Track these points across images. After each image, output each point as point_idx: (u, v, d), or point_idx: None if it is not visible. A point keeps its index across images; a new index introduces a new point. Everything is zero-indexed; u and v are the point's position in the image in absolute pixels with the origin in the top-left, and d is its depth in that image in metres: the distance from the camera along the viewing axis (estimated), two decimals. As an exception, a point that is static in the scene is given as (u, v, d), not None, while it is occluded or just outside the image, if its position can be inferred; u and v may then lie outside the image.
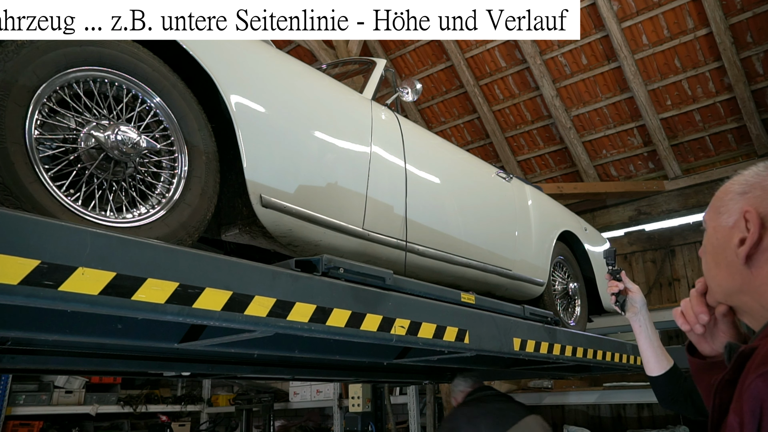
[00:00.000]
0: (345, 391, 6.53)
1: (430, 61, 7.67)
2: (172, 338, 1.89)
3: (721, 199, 1.07)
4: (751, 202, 0.98)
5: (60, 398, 6.01)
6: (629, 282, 2.01)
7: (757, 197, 0.97)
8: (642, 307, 1.98)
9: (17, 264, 1.10)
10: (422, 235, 2.56)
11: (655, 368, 1.94)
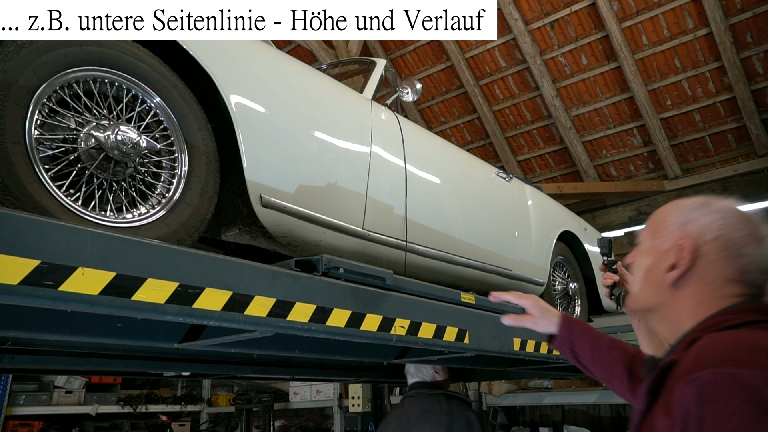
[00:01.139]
0: (345, 391, 6.53)
1: (430, 61, 7.67)
2: (172, 338, 1.89)
3: (660, 223, 1.19)
4: (687, 233, 1.11)
5: (60, 398, 6.01)
6: (626, 273, 1.76)
7: (693, 230, 1.10)
8: None
9: (17, 264, 1.10)
10: (422, 235, 2.56)
11: None
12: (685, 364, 0.95)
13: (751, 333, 0.98)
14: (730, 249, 1.07)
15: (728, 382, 0.85)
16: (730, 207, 1.12)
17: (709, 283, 1.08)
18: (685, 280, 1.10)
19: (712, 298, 1.07)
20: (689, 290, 1.09)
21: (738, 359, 0.88)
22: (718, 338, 0.97)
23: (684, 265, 1.09)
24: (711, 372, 0.87)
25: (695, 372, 0.89)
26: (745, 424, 0.81)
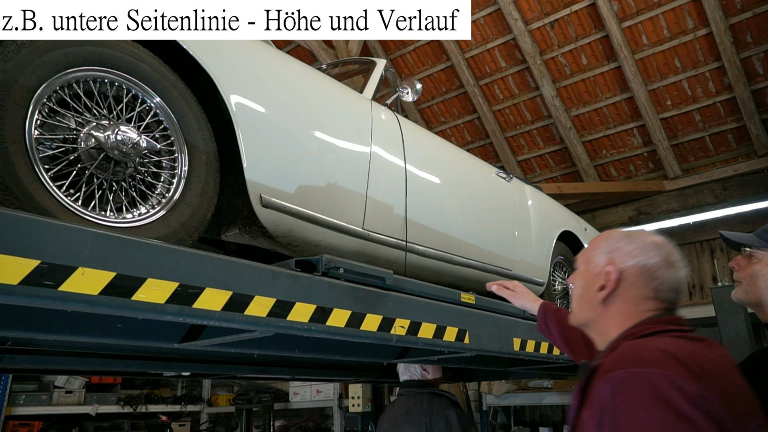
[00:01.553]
0: (345, 391, 6.53)
1: (430, 61, 7.67)
2: (172, 338, 1.89)
3: (592, 251, 1.39)
4: (612, 260, 1.32)
5: (60, 398, 6.01)
6: None
7: (617, 257, 1.32)
8: None
9: (17, 264, 1.10)
10: (422, 235, 2.56)
11: None
12: (604, 366, 1.14)
13: (659, 340, 1.16)
14: (646, 273, 1.28)
15: (635, 379, 1.04)
16: (649, 238, 1.33)
17: (630, 300, 1.29)
18: (612, 298, 1.31)
19: (633, 312, 1.28)
20: (615, 306, 1.31)
21: (643, 361, 1.07)
22: (632, 345, 1.17)
23: (610, 286, 1.30)
24: (622, 372, 1.06)
25: (611, 372, 1.08)
26: (646, 411, 0.99)
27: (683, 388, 1.00)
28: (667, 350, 1.08)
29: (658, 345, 1.11)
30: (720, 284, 4.87)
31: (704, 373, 1.05)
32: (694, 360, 1.06)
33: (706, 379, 1.04)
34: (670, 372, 1.02)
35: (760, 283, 1.64)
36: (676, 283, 1.28)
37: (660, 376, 1.01)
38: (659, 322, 1.23)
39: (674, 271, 1.29)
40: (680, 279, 1.29)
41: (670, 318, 1.25)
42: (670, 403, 0.99)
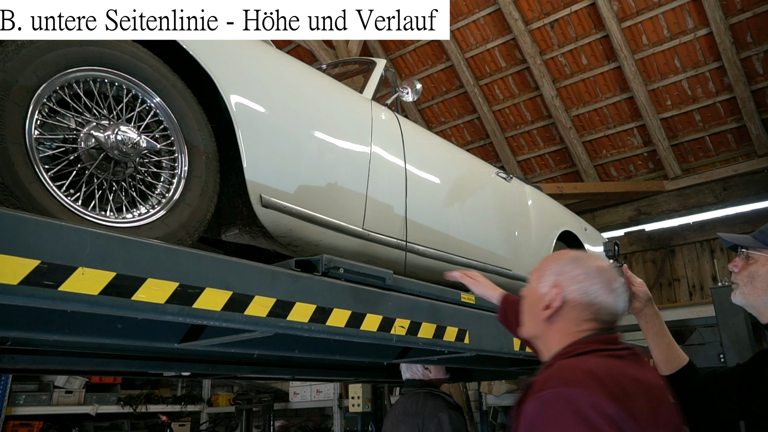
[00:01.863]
0: (345, 391, 6.53)
1: (430, 61, 7.67)
2: (172, 338, 1.89)
3: (543, 270, 1.49)
4: (558, 282, 1.41)
5: (60, 398, 6.01)
6: (632, 276, 1.83)
7: (563, 280, 1.41)
8: (647, 301, 1.80)
9: (17, 264, 1.10)
10: (422, 235, 2.56)
11: (666, 367, 1.81)
12: (537, 384, 1.23)
13: (588, 359, 1.27)
14: (588, 297, 1.38)
15: (560, 399, 1.14)
16: (594, 264, 1.43)
17: (571, 320, 1.39)
18: (555, 317, 1.41)
19: (573, 331, 1.38)
20: (558, 325, 1.41)
21: (568, 381, 1.17)
22: (561, 365, 1.28)
23: (554, 306, 1.40)
24: (549, 392, 1.16)
25: (540, 391, 1.18)
26: (568, 429, 1.10)
27: (600, 407, 1.11)
28: (592, 370, 1.19)
29: (585, 365, 1.23)
30: (720, 284, 4.88)
31: (621, 391, 1.16)
32: (614, 379, 1.18)
33: (623, 397, 1.14)
34: (591, 392, 1.13)
35: (757, 283, 1.64)
36: (614, 308, 1.40)
37: (581, 396, 1.12)
38: (593, 341, 1.34)
39: (614, 296, 1.40)
40: (618, 304, 1.41)
41: (604, 338, 1.36)
42: (588, 422, 1.10)
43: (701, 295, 6.68)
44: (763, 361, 1.68)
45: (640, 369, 1.30)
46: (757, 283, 1.64)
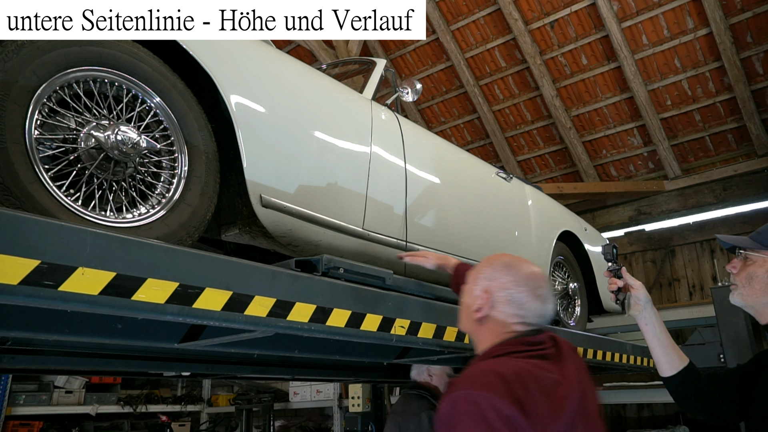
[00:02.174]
0: (345, 391, 6.53)
1: (430, 61, 7.68)
2: (172, 338, 1.88)
3: (478, 273, 1.61)
4: (489, 287, 1.55)
5: (60, 398, 6.01)
6: (631, 278, 1.87)
7: (493, 285, 1.54)
8: (646, 303, 1.82)
9: (17, 264, 1.10)
10: (422, 235, 2.56)
11: (666, 368, 1.82)
12: (453, 384, 1.36)
13: (503, 361, 1.40)
14: (514, 301, 1.51)
15: (466, 400, 1.27)
16: (525, 271, 1.55)
17: (498, 322, 1.52)
18: (485, 319, 1.54)
19: (499, 333, 1.52)
20: (487, 326, 1.55)
21: (477, 383, 1.30)
22: (476, 365, 1.41)
23: (484, 309, 1.54)
24: (460, 392, 1.29)
25: (453, 391, 1.31)
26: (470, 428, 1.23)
27: (500, 409, 1.24)
28: (500, 373, 1.32)
29: (495, 368, 1.36)
30: (720, 284, 4.88)
31: (524, 393, 1.29)
32: (520, 382, 1.30)
33: (525, 399, 1.28)
34: (493, 395, 1.25)
35: (755, 284, 1.65)
36: (540, 311, 1.53)
37: (484, 398, 1.25)
38: (515, 343, 1.47)
39: (539, 302, 1.53)
40: (545, 308, 1.54)
41: (528, 339, 1.49)
42: (488, 422, 1.22)
43: (701, 295, 6.68)
44: (763, 361, 1.68)
45: (556, 367, 1.44)
46: (755, 283, 1.65)
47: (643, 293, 1.84)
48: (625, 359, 3.73)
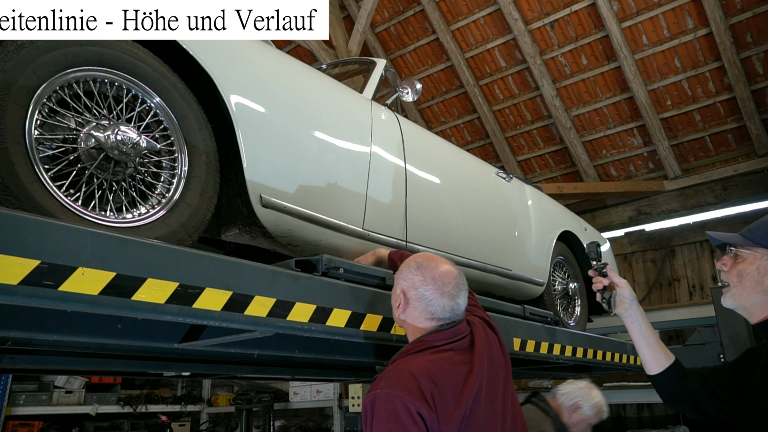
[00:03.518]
0: (345, 391, 6.53)
1: (430, 61, 7.68)
2: (172, 338, 1.89)
3: (399, 273, 1.76)
4: (404, 286, 1.72)
5: (60, 398, 6.01)
6: (616, 276, 1.89)
7: (406, 285, 1.71)
8: (632, 302, 1.84)
9: (17, 264, 1.10)
10: (422, 235, 2.56)
11: (652, 366, 1.82)
12: (375, 380, 1.52)
13: (416, 358, 1.57)
14: (423, 299, 1.67)
15: (383, 398, 1.45)
16: (435, 271, 1.69)
17: (415, 318, 1.69)
18: (405, 315, 1.71)
19: (419, 328, 1.68)
20: (407, 323, 1.72)
21: (391, 381, 1.48)
22: (394, 364, 1.58)
23: (401, 307, 1.71)
24: (379, 390, 1.46)
25: (374, 389, 1.48)
26: (386, 424, 1.41)
27: (407, 405, 1.42)
28: (412, 371, 1.49)
29: (407, 365, 1.53)
30: (720, 284, 4.88)
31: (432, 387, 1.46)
32: (429, 377, 1.48)
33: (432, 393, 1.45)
34: (403, 393, 1.43)
35: (746, 282, 1.62)
36: (449, 307, 1.67)
37: (395, 396, 1.43)
38: (430, 339, 1.63)
39: (447, 299, 1.66)
40: (453, 304, 1.67)
41: (440, 334, 1.64)
42: (399, 419, 1.41)
43: (701, 295, 6.68)
44: (751, 359, 1.66)
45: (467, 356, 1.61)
46: (746, 281, 1.62)
47: (628, 291, 1.85)
48: (625, 359, 3.73)
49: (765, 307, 1.60)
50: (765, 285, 1.58)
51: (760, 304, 1.60)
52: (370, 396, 1.48)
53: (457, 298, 1.68)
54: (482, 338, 1.69)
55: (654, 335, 1.85)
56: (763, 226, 1.62)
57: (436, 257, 1.77)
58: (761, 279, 1.58)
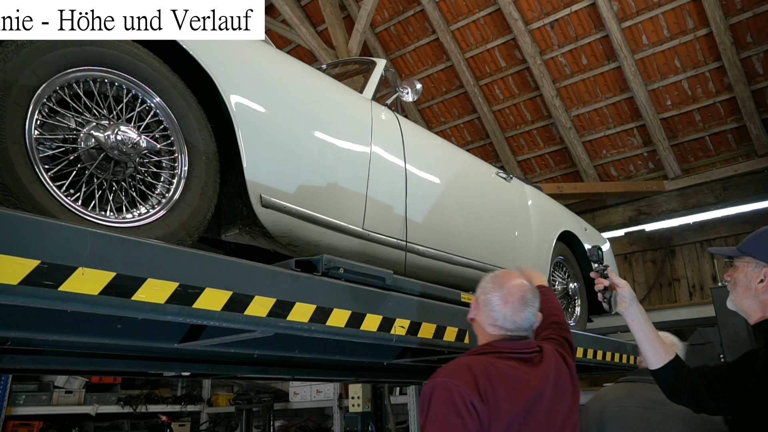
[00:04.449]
0: (345, 391, 6.53)
1: (430, 61, 7.67)
2: (172, 338, 1.89)
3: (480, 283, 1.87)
4: (477, 294, 1.83)
5: (60, 398, 6.01)
6: (616, 277, 2.01)
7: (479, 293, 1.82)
8: (632, 300, 1.96)
9: (17, 264, 1.10)
10: (422, 235, 2.56)
11: (654, 361, 1.95)
12: (437, 371, 1.63)
13: (477, 358, 1.66)
14: (489, 305, 1.77)
15: (440, 384, 1.57)
16: (506, 282, 1.79)
17: (482, 322, 1.80)
18: (476, 319, 1.83)
19: (485, 334, 1.80)
20: (476, 326, 1.84)
21: (449, 371, 1.60)
22: (458, 359, 1.69)
23: (472, 311, 1.85)
24: (439, 378, 1.58)
25: (434, 377, 1.60)
26: (441, 406, 1.53)
27: (463, 394, 1.53)
28: (471, 366, 1.61)
29: (467, 361, 1.65)
30: (720, 284, 4.88)
31: (487, 384, 1.57)
32: (486, 376, 1.59)
33: (485, 389, 1.56)
34: (460, 383, 1.55)
35: (738, 288, 1.83)
36: (511, 318, 1.75)
37: (453, 385, 1.55)
38: (492, 345, 1.74)
39: (509, 309, 1.75)
40: (515, 316, 1.74)
41: (504, 344, 1.74)
42: (455, 405, 1.52)
43: (701, 295, 6.68)
44: (749, 362, 1.80)
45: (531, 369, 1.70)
46: (738, 287, 1.83)
47: (628, 291, 1.99)
48: (625, 359, 3.74)
49: (758, 309, 1.79)
50: (752, 289, 1.79)
51: (754, 307, 1.80)
52: (430, 383, 1.59)
53: (521, 312, 1.75)
54: (550, 361, 1.77)
55: (654, 332, 1.98)
56: (752, 238, 1.84)
57: (516, 273, 1.89)
58: (749, 284, 1.80)
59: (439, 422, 1.52)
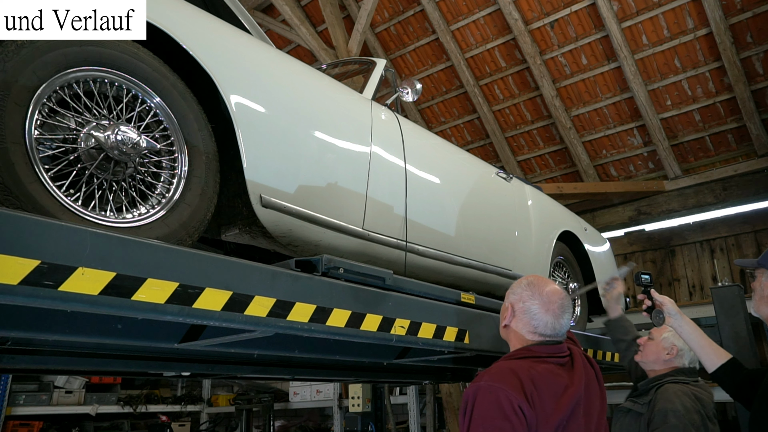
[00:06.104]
0: (345, 391, 6.54)
1: (430, 61, 7.67)
2: (172, 338, 1.89)
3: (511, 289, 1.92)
4: (512, 300, 1.89)
5: (60, 398, 6.01)
6: (658, 296, 2.21)
7: (514, 299, 1.88)
8: (676, 314, 2.15)
9: (17, 264, 1.10)
10: (422, 235, 2.56)
11: (708, 365, 2.11)
12: (479, 375, 1.68)
13: (519, 362, 1.71)
14: (528, 313, 1.82)
15: (485, 388, 1.60)
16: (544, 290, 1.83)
17: (519, 330, 1.85)
18: (511, 326, 1.87)
19: (522, 339, 1.84)
20: (512, 333, 1.88)
21: (494, 375, 1.64)
22: (500, 364, 1.73)
23: (507, 318, 1.89)
24: (483, 382, 1.62)
25: (478, 381, 1.64)
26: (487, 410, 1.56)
27: (510, 398, 1.56)
28: (515, 370, 1.65)
29: (509, 365, 1.69)
30: (720, 284, 4.88)
31: (532, 388, 1.60)
32: (530, 379, 1.62)
33: (531, 393, 1.59)
34: (507, 387, 1.58)
35: (755, 296, 2.03)
36: (551, 324, 1.80)
37: (499, 389, 1.58)
38: (531, 350, 1.78)
39: (549, 315, 1.80)
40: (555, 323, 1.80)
41: (542, 348, 1.78)
42: (501, 408, 1.54)
43: (701, 295, 6.68)
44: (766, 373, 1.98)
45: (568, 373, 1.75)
46: (755, 295, 2.02)
47: (670, 307, 2.18)
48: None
49: None
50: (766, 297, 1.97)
51: None
52: (473, 387, 1.62)
53: (561, 318, 1.82)
54: (581, 364, 1.84)
55: (703, 339, 2.15)
56: None
57: (546, 278, 1.93)
58: (762, 293, 1.98)
59: (486, 426, 1.53)
